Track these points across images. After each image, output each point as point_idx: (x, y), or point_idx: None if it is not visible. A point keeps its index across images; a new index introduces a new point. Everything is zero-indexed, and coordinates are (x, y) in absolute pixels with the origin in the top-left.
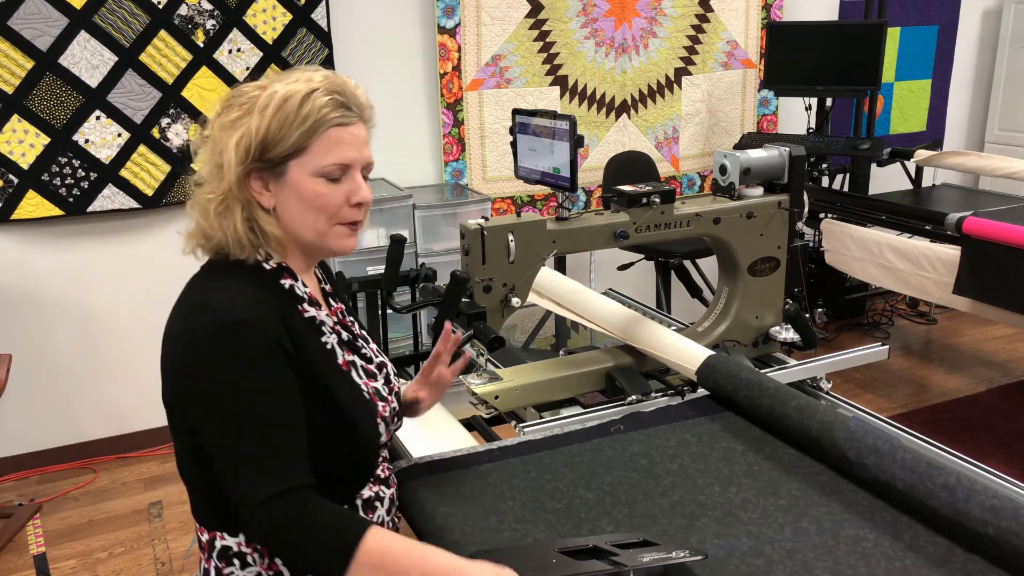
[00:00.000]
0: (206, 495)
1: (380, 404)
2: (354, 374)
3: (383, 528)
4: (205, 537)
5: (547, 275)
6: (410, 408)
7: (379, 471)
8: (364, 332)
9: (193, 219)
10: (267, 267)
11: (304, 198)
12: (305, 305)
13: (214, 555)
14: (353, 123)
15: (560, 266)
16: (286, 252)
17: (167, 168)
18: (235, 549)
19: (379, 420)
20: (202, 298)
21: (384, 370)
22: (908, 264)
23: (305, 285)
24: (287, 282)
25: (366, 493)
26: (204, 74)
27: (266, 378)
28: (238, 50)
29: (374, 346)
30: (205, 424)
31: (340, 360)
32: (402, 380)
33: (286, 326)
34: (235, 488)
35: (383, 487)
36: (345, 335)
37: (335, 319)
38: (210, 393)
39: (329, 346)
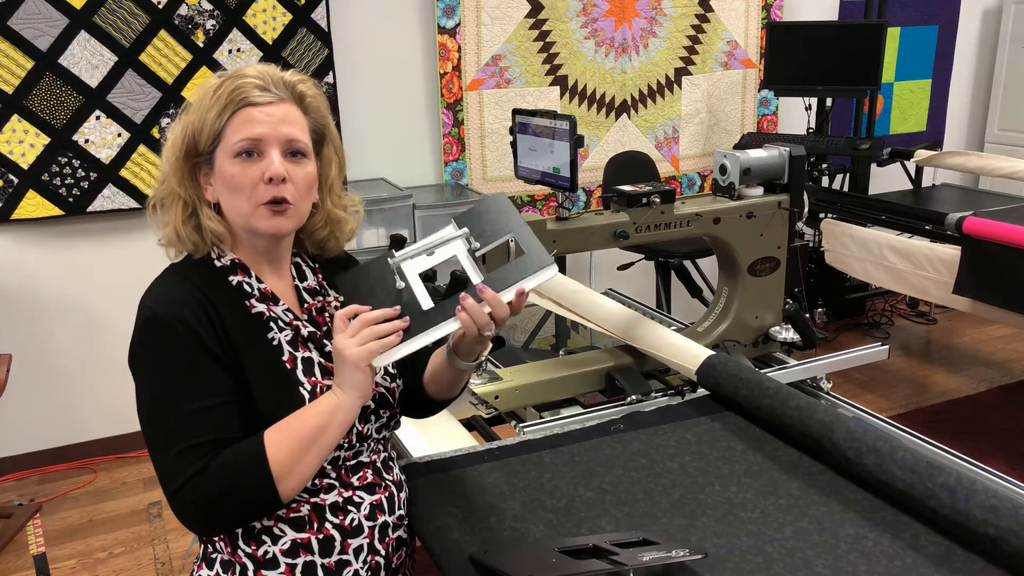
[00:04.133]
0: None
1: None
2: (300, 371)
3: (272, 426)
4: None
5: None
6: (443, 378)
7: (354, 478)
8: None
9: (158, 219)
10: (217, 264)
11: (224, 181)
12: (254, 301)
13: (200, 540)
14: (269, 102)
15: (560, 266)
16: (233, 245)
17: None
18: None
19: None
20: (143, 297)
21: None
22: (908, 264)
23: (260, 280)
24: (236, 278)
25: (331, 498)
26: (204, 74)
27: (178, 366)
28: (238, 50)
29: None
30: (139, 414)
31: (285, 356)
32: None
33: (215, 320)
34: (162, 481)
35: (362, 493)
36: (307, 331)
37: (308, 318)
38: (138, 386)
39: (275, 342)
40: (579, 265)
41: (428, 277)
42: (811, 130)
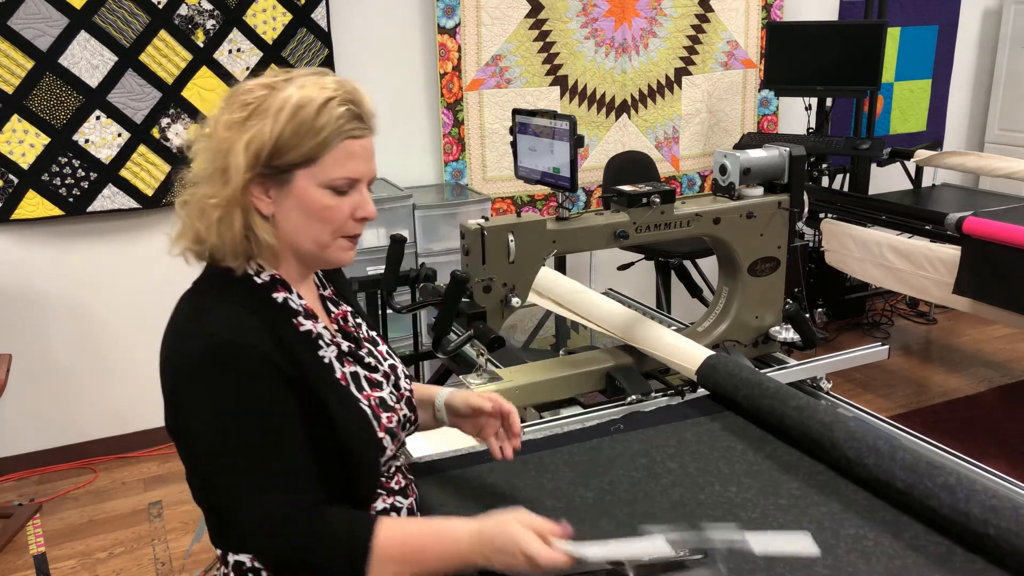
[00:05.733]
0: (216, 516)
1: (385, 415)
2: (353, 387)
3: (391, 517)
4: (218, 552)
5: (547, 275)
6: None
7: (392, 483)
8: (373, 334)
9: (183, 220)
10: (258, 281)
11: (310, 209)
12: (300, 318)
13: (231, 570)
14: (365, 136)
15: (560, 266)
16: (279, 262)
17: (167, 168)
18: (248, 564)
19: (382, 434)
20: (189, 322)
21: (392, 376)
22: (908, 264)
23: (301, 297)
24: (280, 295)
25: (379, 505)
26: (204, 74)
27: (260, 400)
28: (238, 50)
29: (383, 348)
30: (200, 449)
31: (338, 374)
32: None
33: (279, 343)
34: (240, 517)
35: (399, 498)
36: (346, 345)
37: (335, 327)
38: (205, 421)
39: (327, 360)
40: (579, 265)
41: (428, 277)
42: (811, 130)
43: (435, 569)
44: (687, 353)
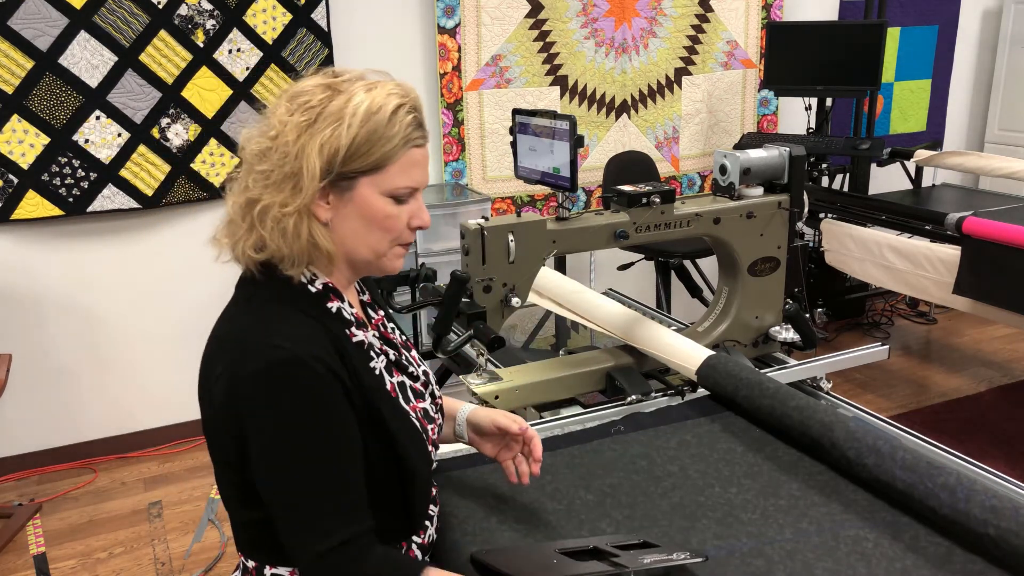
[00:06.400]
0: (254, 529)
1: (430, 427)
2: (402, 399)
3: (437, 569)
4: (251, 564)
5: (547, 275)
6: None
7: (429, 508)
8: (405, 338)
9: (244, 225)
10: (312, 289)
11: (372, 217)
12: (353, 328)
13: None
14: (426, 144)
15: (560, 266)
16: (332, 269)
17: (167, 168)
18: (268, 572)
19: (431, 447)
20: (248, 333)
21: (429, 385)
22: (908, 264)
23: (351, 305)
24: (334, 304)
25: (418, 540)
26: (204, 74)
27: (325, 418)
28: (238, 50)
29: (415, 354)
30: (260, 467)
31: (388, 385)
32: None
33: (342, 357)
34: (291, 536)
35: (432, 506)
36: (392, 354)
37: (377, 334)
38: (265, 436)
39: (378, 371)
40: (579, 265)
41: (428, 277)
42: (811, 130)
43: None
44: (687, 353)
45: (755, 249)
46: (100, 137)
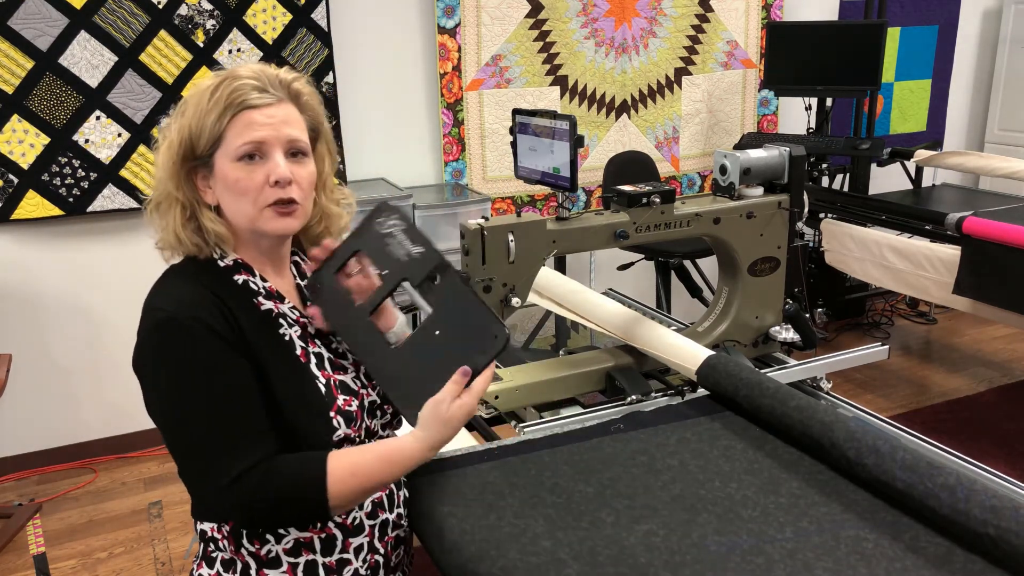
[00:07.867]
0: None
1: (343, 398)
2: (313, 365)
3: (340, 449)
4: (204, 527)
5: (547, 275)
6: None
7: None
8: None
9: (156, 224)
10: (221, 264)
11: (228, 186)
12: (261, 299)
13: (199, 540)
14: (268, 104)
15: (560, 266)
16: (236, 246)
17: None
18: (209, 533)
19: (334, 414)
20: (147, 302)
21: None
22: (908, 264)
23: (264, 279)
24: (241, 278)
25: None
26: (204, 74)
27: (202, 368)
28: (238, 50)
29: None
30: (156, 421)
31: (298, 351)
32: None
33: (230, 318)
34: (195, 481)
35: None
36: (312, 328)
37: (292, 306)
38: (156, 391)
39: (287, 338)
40: (579, 265)
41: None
42: (811, 130)
43: (387, 478)
44: (687, 353)
45: (755, 249)
46: (100, 137)
